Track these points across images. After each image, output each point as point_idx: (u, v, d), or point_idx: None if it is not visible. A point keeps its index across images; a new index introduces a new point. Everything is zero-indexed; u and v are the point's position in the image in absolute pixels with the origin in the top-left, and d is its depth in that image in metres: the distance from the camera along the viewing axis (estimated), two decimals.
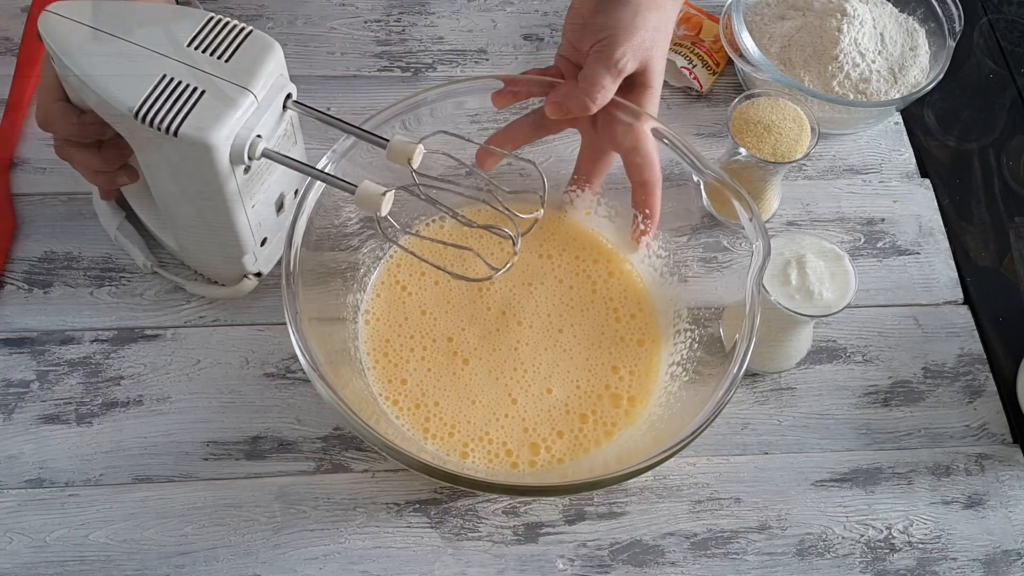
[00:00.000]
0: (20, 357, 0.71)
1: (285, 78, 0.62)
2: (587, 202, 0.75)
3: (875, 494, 0.70)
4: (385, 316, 0.71)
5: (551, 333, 0.71)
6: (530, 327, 0.71)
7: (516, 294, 0.72)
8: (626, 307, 0.72)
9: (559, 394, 0.68)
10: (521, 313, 0.72)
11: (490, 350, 0.70)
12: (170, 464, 0.68)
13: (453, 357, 0.69)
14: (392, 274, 0.73)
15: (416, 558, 0.66)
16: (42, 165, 0.79)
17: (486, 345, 0.70)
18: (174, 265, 0.75)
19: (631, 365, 0.70)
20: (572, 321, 0.71)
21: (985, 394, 0.75)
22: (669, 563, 0.66)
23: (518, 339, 0.70)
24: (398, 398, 0.68)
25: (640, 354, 0.70)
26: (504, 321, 0.71)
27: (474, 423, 0.67)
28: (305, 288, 0.62)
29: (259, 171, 0.64)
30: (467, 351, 0.70)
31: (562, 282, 0.73)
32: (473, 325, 0.71)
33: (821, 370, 0.75)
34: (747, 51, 0.82)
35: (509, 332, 0.71)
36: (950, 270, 0.80)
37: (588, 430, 0.67)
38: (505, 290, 0.72)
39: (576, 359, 0.70)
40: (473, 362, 0.69)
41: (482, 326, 0.71)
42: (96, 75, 0.59)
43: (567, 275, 0.74)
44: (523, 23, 0.91)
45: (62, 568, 0.64)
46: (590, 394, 0.69)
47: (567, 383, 0.69)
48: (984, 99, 0.91)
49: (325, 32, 0.89)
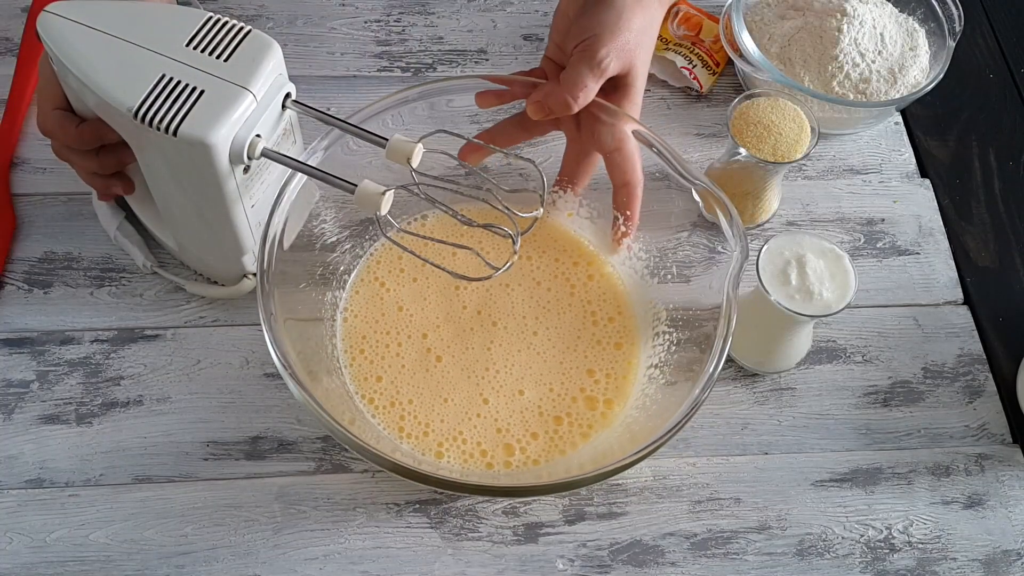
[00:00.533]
0: (20, 357, 0.71)
1: (284, 78, 0.62)
2: (569, 204, 0.75)
3: (875, 494, 0.70)
4: (363, 313, 0.71)
5: (525, 335, 0.71)
6: (504, 328, 0.71)
7: (493, 294, 0.72)
8: (604, 310, 0.72)
9: (531, 396, 0.68)
10: (496, 313, 0.71)
11: (463, 348, 0.70)
12: (170, 464, 0.68)
13: (427, 354, 0.69)
14: (371, 271, 0.73)
15: (416, 558, 0.66)
16: (42, 165, 0.79)
17: (460, 343, 0.70)
18: (174, 265, 0.75)
19: (607, 368, 0.70)
20: (548, 324, 0.71)
21: (985, 394, 0.75)
22: (669, 563, 0.66)
23: (491, 339, 0.70)
24: (373, 396, 0.68)
25: (617, 357, 0.70)
26: (479, 320, 0.71)
27: (447, 422, 0.67)
28: (283, 287, 0.62)
29: (258, 170, 0.64)
30: (440, 348, 0.70)
31: (540, 284, 0.73)
32: (448, 323, 0.71)
33: (821, 370, 0.75)
34: (747, 51, 0.82)
35: (483, 332, 0.71)
36: (950, 270, 0.80)
37: (564, 432, 0.67)
38: (482, 290, 0.72)
39: (550, 362, 0.70)
40: (446, 359, 0.69)
41: (457, 324, 0.71)
42: (95, 75, 0.59)
43: (545, 277, 0.73)
44: (523, 23, 0.91)
45: (62, 568, 0.64)
46: (564, 397, 0.68)
47: (539, 385, 0.69)
48: (984, 99, 0.90)
49: (325, 32, 0.89)
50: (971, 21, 0.93)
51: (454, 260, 0.72)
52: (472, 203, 0.65)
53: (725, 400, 0.73)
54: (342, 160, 0.67)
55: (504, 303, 0.72)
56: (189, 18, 0.61)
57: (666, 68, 0.87)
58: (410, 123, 0.69)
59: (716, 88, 0.88)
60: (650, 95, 0.87)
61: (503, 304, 0.72)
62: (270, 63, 0.60)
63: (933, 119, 0.89)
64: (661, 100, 0.87)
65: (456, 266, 0.70)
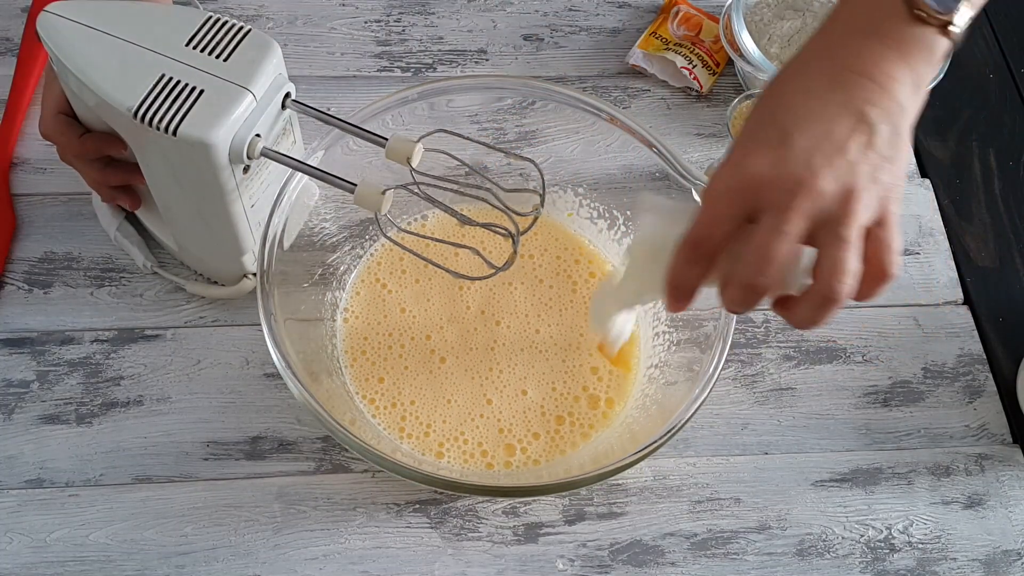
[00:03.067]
0: (20, 357, 0.71)
1: (284, 77, 0.62)
2: (569, 204, 0.75)
3: (875, 494, 0.70)
4: (364, 314, 0.71)
5: (528, 334, 0.71)
6: (507, 327, 0.71)
7: (496, 293, 0.72)
8: None
9: (534, 396, 0.68)
10: (500, 313, 0.71)
11: (467, 349, 0.70)
12: (170, 464, 0.68)
13: (431, 355, 0.69)
14: (372, 272, 0.73)
15: (416, 558, 0.66)
16: (42, 165, 0.79)
17: (464, 344, 0.70)
18: (174, 265, 0.75)
19: (610, 366, 0.69)
20: (550, 321, 0.71)
21: (985, 394, 0.75)
22: (669, 563, 0.66)
23: (495, 339, 0.70)
24: (375, 397, 0.68)
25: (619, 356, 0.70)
26: (483, 320, 0.71)
27: (449, 423, 0.67)
28: (283, 287, 0.62)
29: (258, 170, 0.64)
30: (444, 349, 0.70)
31: (543, 282, 0.73)
32: (452, 324, 0.71)
33: (821, 370, 0.75)
34: (747, 51, 0.82)
35: (487, 331, 0.70)
36: (950, 270, 0.80)
37: (565, 432, 0.67)
38: (485, 289, 0.72)
39: (552, 360, 0.70)
40: (450, 360, 0.69)
41: (460, 324, 0.71)
42: (95, 75, 0.59)
43: (547, 275, 0.73)
44: (523, 23, 0.91)
45: (62, 568, 0.64)
46: (567, 396, 0.69)
47: (542, 385, 0.69)
48: (984, 99, 0.90)
49: (325, 32, 0.89)
50: None
51: (455, 260, 0.72)
52: (472, 203, 0.65)
53: (725, 400, 0.73)
54: (342, 160, 0.67)
55: (507, 302, 0.72)
56: (189, 18, 0.61)
57: (666, 68, 0.87)
58: (410, 123, 0.69)
59: (716, 88, 0.88)
60: (650, 95, 0.87)
61: (506, 303, 0.72)
62: (270, 63, 0.60)
63: (933, 119, 0.89)
64: (661, 100, 0.87)
65: (457, 266, 0.70)
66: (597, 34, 0.91)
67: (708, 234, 0.49)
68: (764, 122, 0.49)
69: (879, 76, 0.48)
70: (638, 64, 0.87)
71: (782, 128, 0.48)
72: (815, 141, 0.47)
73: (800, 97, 0.49)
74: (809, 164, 0.46)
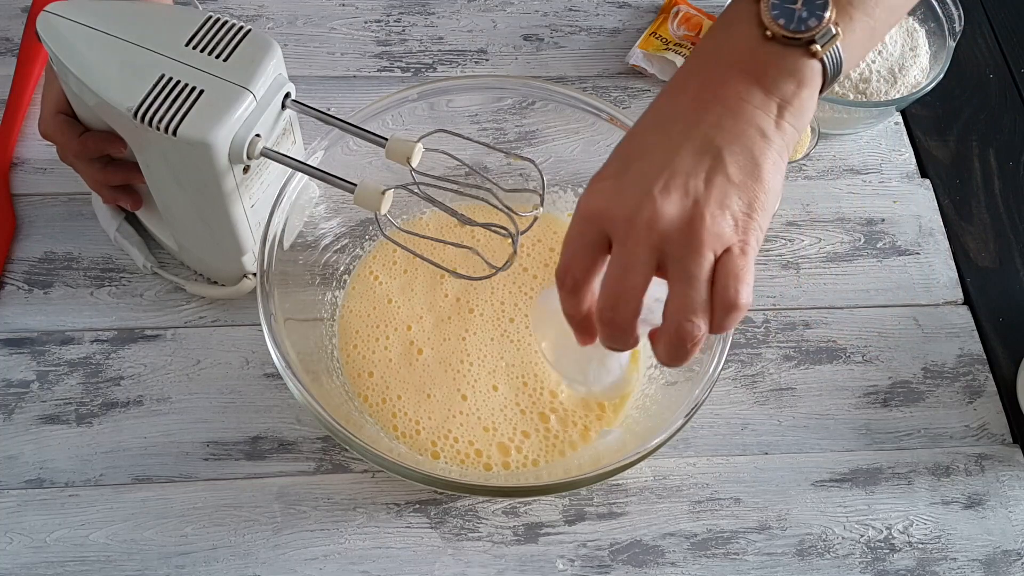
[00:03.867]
0: (20, 357, 0.71)
1: (284, 77, 0.62)
2: (569, 204, 0.75)
3: (875, 494, 0.70)
4: (357, 308, 0.71)
5: (501, 323, 0.69)
6: (480, 315, 0.69)
7: (477, 282, 0.69)
8: None
9: (505, 392, 0.67)
10: (474, 300, 0.70)
11: (441, 339, 0.68)
12: (170, 464, 0.68)
13: (410, 347, 0.69)
14: (367, 266, 0.72)
15: (416, 558, 0.66)
16: (42, 165, 0.79)
17: (438, 334, 0.69)
18: (174, 265, 0.75)
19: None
20: (527, 311, 0.69)
21: (985, 394, 0.75)
22: (669, 563, 0.66)
23: (466, 328, 0.69)
24: (367, 393, 0.67)
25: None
26: (456, 308, 0.70)
27: (434, 419, 0.66)
28: (283, 287, 0.62)
29: (258, 170, 0.64)
30: (422, 340, 0.69)
31: (527, 271, 0.71)
32: (430, 313, 0.70)
33: (821, 370, 0.75)
34: None
35: (460, 320, 0.69)
36: (950, 270, 0.80)
37: (560, 431, 0.67)
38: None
39: (524, 351, 0.68)
40: (426, 352, 0.68)
41: (436, 313, 0.70)
42: (95, 75, 0.59)
43: (533, 264, 0.72)
44: (523, 23, 0.91)
45: (62, 568, 0.64)
46: (542, 392, 0.67)
47: (512, 379, 0.67)
48: (984, 99, 0.90)
49: (325, 32, 0.89)
50: (971, 21, 0.93)
51: (455, 259, 0.72)
52: (472, 203, 0.65)
53: (725, 400, 0.73)
54: (342, 160, 0.67)
55: (484, 289, 0.70)
56: (189, 18, 0.61)
57: (666, 68, 0.87)
58: (410, 123, 0.69)
59: None
60: (650, 95, 0.87)
61: (483, 291, 0.70)
62: (270, 63, 0.60)
63: (933, 119, 0.89)
64: None
65: (457, 265, 0.70)
66: (597, 34, 0.91)
67: (567, 266, 0.49)
68: (612, 157, 0.49)
69: (729, 100, 0.47)
70: (638, 64, 0.87)
71: (625, 159, 0.48)
72: (654, 168, 0.46)
73: (649, 130, 0.49)
74: (647, 191, 0.45)
